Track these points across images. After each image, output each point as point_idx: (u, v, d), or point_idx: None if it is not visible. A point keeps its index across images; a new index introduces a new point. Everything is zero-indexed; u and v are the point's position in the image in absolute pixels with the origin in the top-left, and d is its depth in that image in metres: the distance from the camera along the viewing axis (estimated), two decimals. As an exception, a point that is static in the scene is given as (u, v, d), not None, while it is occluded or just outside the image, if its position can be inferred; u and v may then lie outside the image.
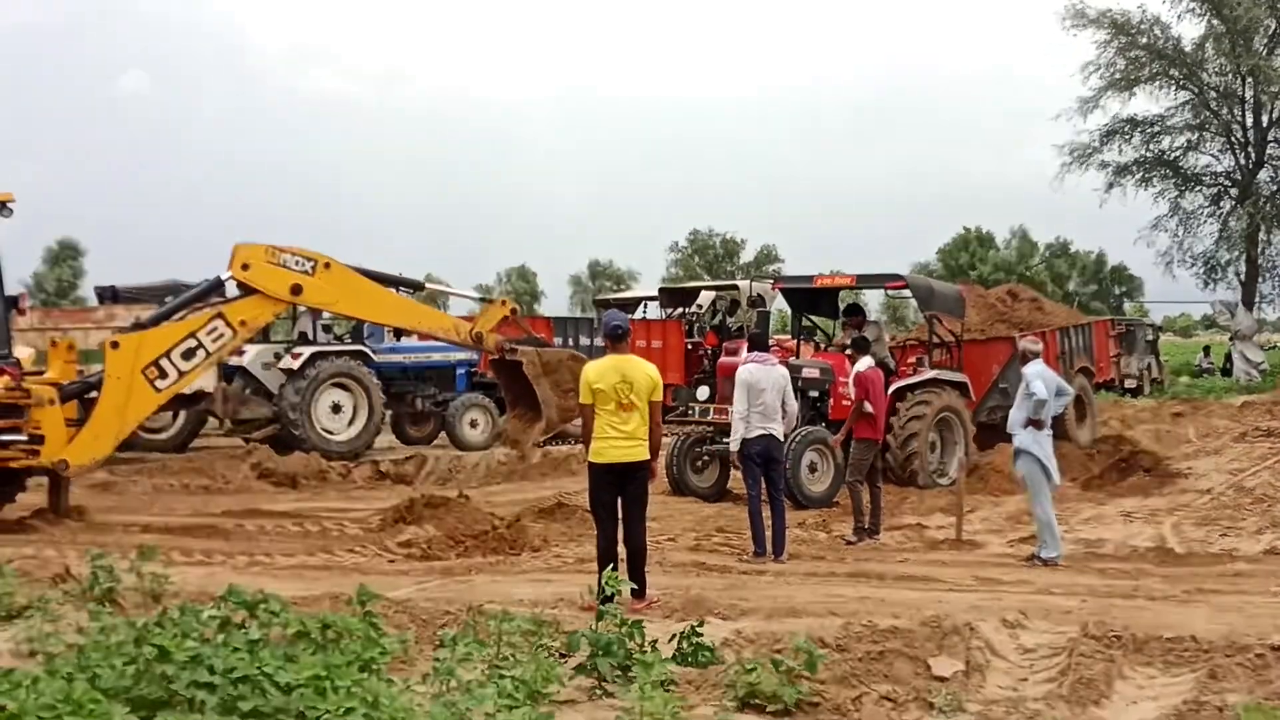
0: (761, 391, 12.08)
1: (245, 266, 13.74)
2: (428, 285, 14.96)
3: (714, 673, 6.68)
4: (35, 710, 4.40)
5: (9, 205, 13.53)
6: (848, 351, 16.20)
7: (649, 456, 9.58)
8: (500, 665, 6.19)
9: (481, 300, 15.45)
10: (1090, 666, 7.02)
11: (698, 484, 17.02)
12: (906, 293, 19.18)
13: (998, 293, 24.07)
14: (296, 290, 13.80)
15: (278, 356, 22.85)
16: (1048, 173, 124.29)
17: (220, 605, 6.54)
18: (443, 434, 24.63)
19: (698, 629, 7.19)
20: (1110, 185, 51.79)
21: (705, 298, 30.10)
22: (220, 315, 13.64)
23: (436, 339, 15.71)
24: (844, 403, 16.48)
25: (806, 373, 16.84)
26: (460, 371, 25.22)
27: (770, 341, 14.93)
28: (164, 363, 13.38)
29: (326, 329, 23.90)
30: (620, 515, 9.58)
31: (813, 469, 15.92)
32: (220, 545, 12.78)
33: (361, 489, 18.69)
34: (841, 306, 20.63)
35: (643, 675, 6.20)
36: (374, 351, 23.72)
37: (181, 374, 13.47)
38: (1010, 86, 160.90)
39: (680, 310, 30.26)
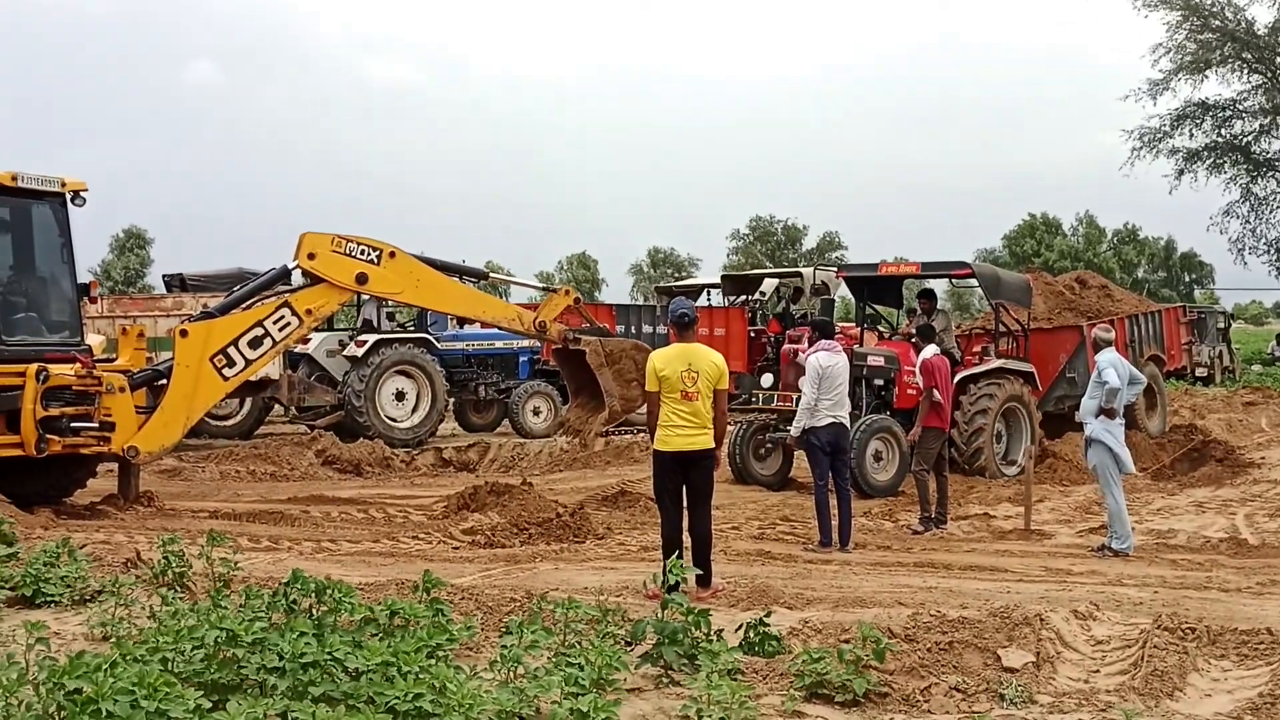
0: (833, 380, 12.02)
1: (311, 255, 13.83)
2: (491, 274, 14.90)
3: (781, 662, 6.64)
4: (112, 694, 4.44)
5: (82, 194, 13.77)
6: (913, 340, 16.06)
7: (714, 445, 9.55)
8: (566, 653, 6.18)
9: (544, 289, 15.40)
10: (1163, 659, 6.89)
11: (761, 472, 16.97)
12: (973, 281, 18.97)
13: (1066, 280, 23.75)
14: (362, 279, 13.88)
15: (342, 344, 23.06)
16: (1116, 157, 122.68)
17: (288, 591, 6.58)
18: (505, 421, 24.75)
19: (765, 618, 7.15)
20: (1181, 171, 51.03)
21: (768, 285, 29.94)
22: (287, 304, 13.74)
23: (500, 328, 15.69)
24: (909, 391, 16.37)
25: (872, 361, 16.72)
26: (523, 359, 25.34)
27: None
28: (231, 351, 13.50)
29: (390, 317, 24.05)
30: (685, 503, 9.55)
31: (878, 458, 15.83)
32: (286, 531, 12.91)
33: (425, 476, 18.84)
34: (906, 295, 20.45)
35: (709, 664, 6.17)
36: (437, 339, 23.86)
37: (249, 362, 13.58)
38: (1079, 67, 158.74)
39: (743, 298, 30.14)
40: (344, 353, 22.69)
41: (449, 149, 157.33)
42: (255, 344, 13.62)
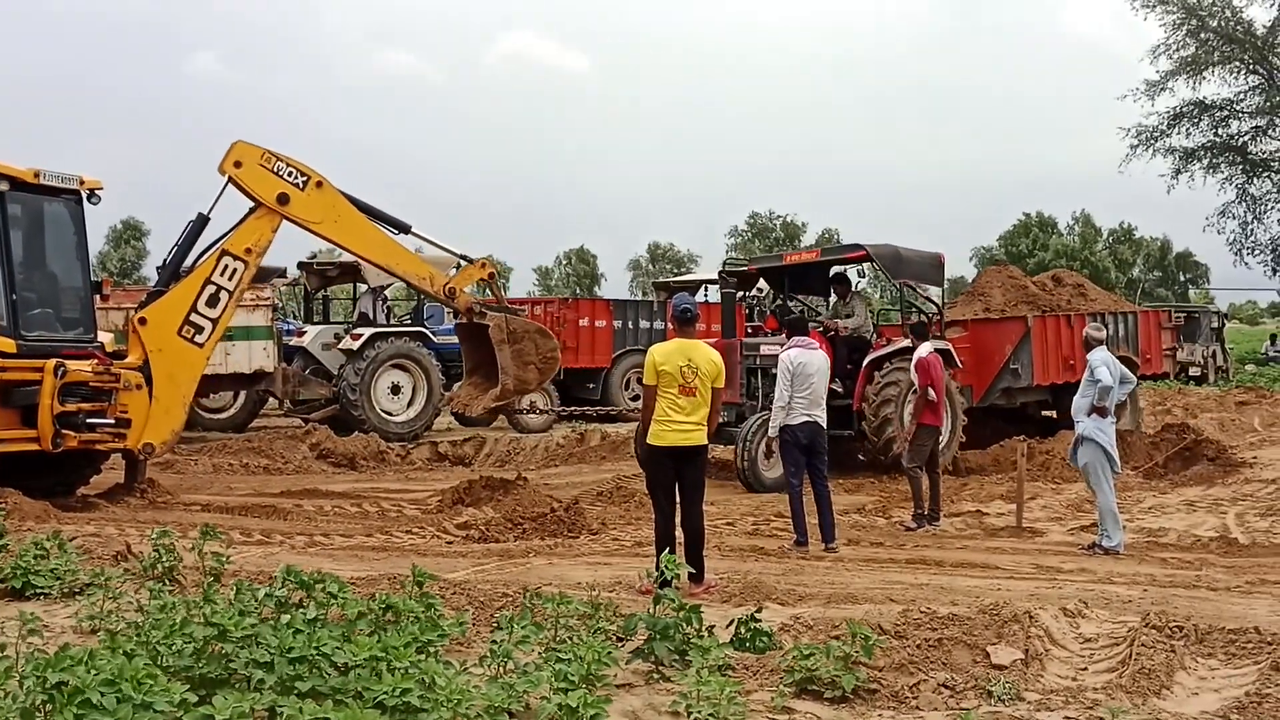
0: (807, 377, 11.95)
1: (238, 164, 13.86)
2: (412, 229, 14.72)
3: (771, 658, 6.65)
4: (96, 686, 4.45)
5: (98, 192, 13.87)
6: (907, 337, 16.00)
7: (707, 442, 9.57)
8: (557, 648, 6.19)
9: (462, 257, 15.24)
10: (1151, 657, 6.91)
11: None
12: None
13: (1041, 277, 23.70)
14: (283, 199, 13.86)
15: (337, 337, 23.07)
16: (1113, 157, 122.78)
17: (279, 585, 6.59)
18: (501, 416, 24.74)
19: (756, 614, 7.16)
20: (1177, 171, 51.06)
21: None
22: (224, 252, 13.86)
23: (409, 285, 15.70)
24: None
25: (765, 350, 16.55)
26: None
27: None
28: (194, 318, 13.66)
29: (388, 313, 24.04)
30: (678, 499, 9.57)
31: (769, 454, 15.23)
32: (279, 525, 12.91)
33: (420, 470, 18.83)
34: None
35: (700, 660, 6.18)
36: (433, 333, 23.85)
37: (215, 321, 13.75)
38: (1079, 67, 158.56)
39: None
40: (339, 346, 22.69)
41: (448, 141, 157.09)
42: (212, 302, 13.75)
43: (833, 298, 18.78)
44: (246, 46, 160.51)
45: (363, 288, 24.75)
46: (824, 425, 12.12)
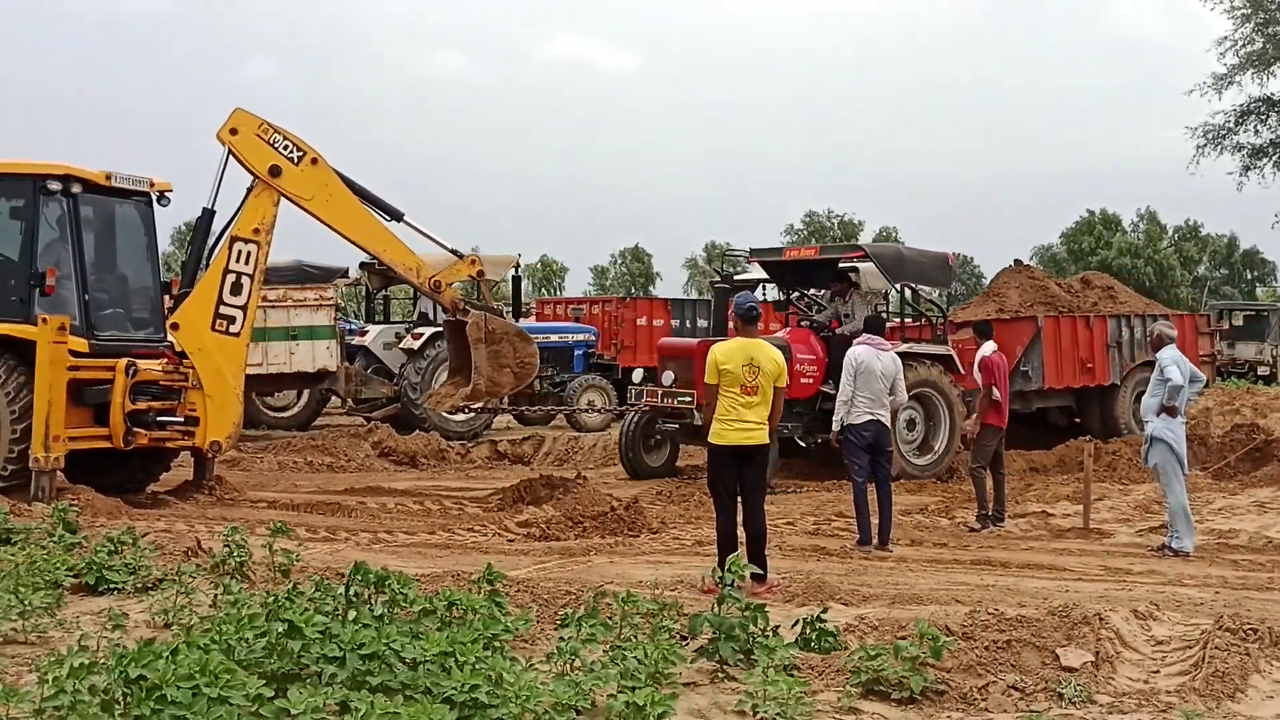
0: (871, 376, 11.88)
1: (234, 131, 13.88)
2: (405, 217, 14.65)
3: (837, 659, 6.62)
4: (175, 681, 4.51)
5: (167, 194, 14.11)
6: (971, 335, 15.86)
7: (769, 441, 9.55)
8: (623, 646, 6.20)
9: (451, 251, 15.18)
10: (1225, 660, 6.80)
11: (650, 463, 17.19)
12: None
13: (1070, 280, 23.29)
14: (275, 172, 13.82)
15: (398, 337, 23.26)
16: (1178, 152, 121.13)
17: (348, 582, 6.64)
18: (559, 416, 24.81)
19: (821, 614, 7.13)
20: (1246, 168, 50.21)
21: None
22: (233, 239, 13.90)
23: (395, 273, 15.67)
24: (802, 381, 16.08)
25: None
26: (578, 353, 25.35)
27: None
28: (223, 310, 13.76)
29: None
30: (740, 498, 9.55)
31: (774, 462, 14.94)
32: (343, 522, 13.02)
33: (480, 469, 18.94)
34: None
35: (765, 659, 6.17)
36: (492, 332, 23.91)
37: (244, 308, 13.83)
38: (1142, 60, 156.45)
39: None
40: (400, 345, 22.87)
41: (501, 141, 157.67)
42: (236, 290, 13.83)
43: (832, 296, 18.45)
44: (300, 49, 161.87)
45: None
46: (888, 424, 12.07)
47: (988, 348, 13.46)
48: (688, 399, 16.08)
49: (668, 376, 16.75)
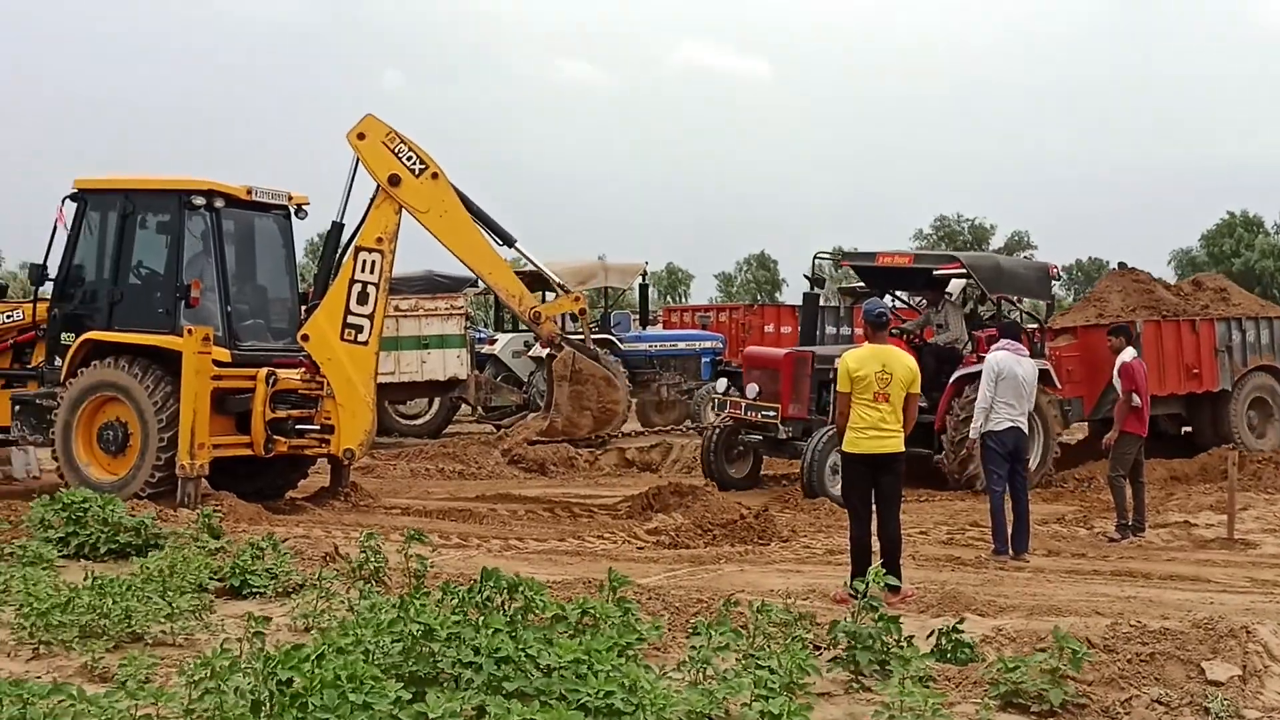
0: (1012, 382, 11.67)
1: (361, 136, 14.06)
2: (515, 243, 14.71)
3: (974, 670, 6.51)
4: (320, 686, 4.59)
5: (305, 208, 14.49)
6: (1109, 341, 15.45)
7: (903, 449, 9.43)
8: (756, 655, 6.16)
9: (560, 287, 15.20)
10: (1379, 675, 6.55)
11: (733, 474, 16.85)
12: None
13: (1181, 283, 22.51)
14: (394, 181, 13.94)
15: (527, 345, 23.49)
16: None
17: (480, 587, 6.71)
18: (686, 422, 24.80)
19: (957, 625, 7.02)
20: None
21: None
22: (357, 249, 14.08)
23: (498, 297, 15.61)
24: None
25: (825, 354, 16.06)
26: (705, 360, 25.34)
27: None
28: (351, 319, 13.95)
29: (574, 318, 24.37)
30: (874, 507, 9.45)
31: (836, 470, 14.09)
32: (475, 529, 13.18)
33: (608, 476, 18.98)
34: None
35: (901, 670, 6.09)
36: (620, 340, 24.05)
37: (371, 317, 13.99)
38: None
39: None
40: (529, 353, 23.10)
41: (629, 146, 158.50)
42: (362, 300, 14.01)
43: (927, 305, 18.17)
44: (430, 61, 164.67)
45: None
46: (1026, 431, 11.84)
47: (1128, 353, 13.13)
48: (772, 413, 15.80)
49: (752, 389, 16.36)
